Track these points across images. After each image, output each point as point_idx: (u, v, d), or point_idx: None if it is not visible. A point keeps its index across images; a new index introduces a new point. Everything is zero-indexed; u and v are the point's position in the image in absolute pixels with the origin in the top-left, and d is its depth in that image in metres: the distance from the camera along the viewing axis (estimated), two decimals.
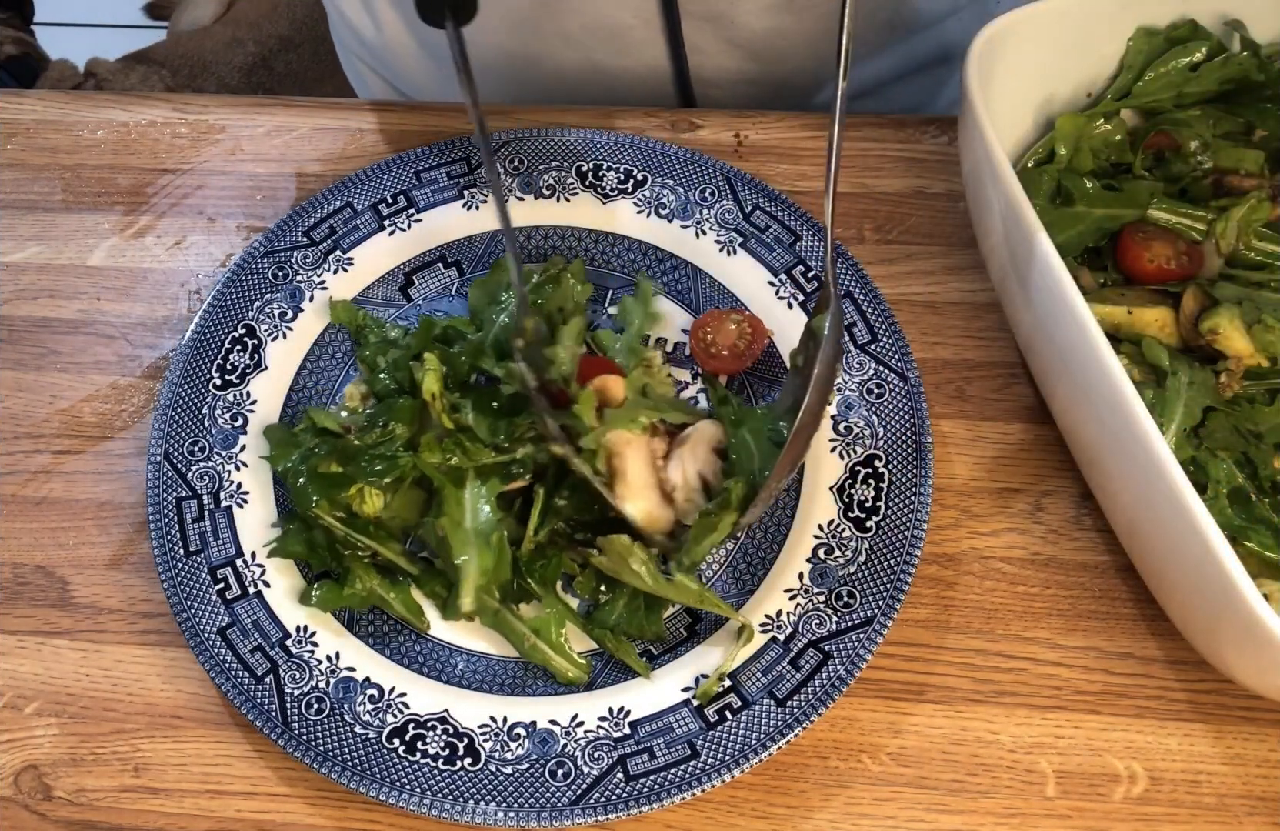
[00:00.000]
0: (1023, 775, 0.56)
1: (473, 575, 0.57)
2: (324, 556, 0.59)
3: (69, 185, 0.78)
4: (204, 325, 0.67)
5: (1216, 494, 0.56)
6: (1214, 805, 0.55)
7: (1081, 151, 0.67)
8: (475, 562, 0.57)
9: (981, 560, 0.61)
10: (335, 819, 0.56)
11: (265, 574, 0.60)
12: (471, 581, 0.57)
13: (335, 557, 0.59)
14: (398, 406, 0.61)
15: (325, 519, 0.59)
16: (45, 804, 0.56)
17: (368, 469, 0.59)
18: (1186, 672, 0.58)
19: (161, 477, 0.62)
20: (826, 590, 0.58)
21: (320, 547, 0.59)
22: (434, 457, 0.59)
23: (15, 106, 0.82)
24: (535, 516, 0.59)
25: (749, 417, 0.62)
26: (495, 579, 0.58)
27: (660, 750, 0.54)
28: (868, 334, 0.66)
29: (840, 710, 0.57)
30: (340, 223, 0.71)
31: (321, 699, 0.56)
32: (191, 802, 0.56)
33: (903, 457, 0.62)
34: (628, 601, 0.58)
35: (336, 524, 0.59)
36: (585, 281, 0.68)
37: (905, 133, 0.77)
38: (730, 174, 0.72)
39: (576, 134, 0.75)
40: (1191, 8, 0.68)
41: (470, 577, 0.57)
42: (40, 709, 0.59)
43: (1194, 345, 0.61)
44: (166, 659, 0.60)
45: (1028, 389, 0.66)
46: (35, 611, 0.61)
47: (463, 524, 0.58)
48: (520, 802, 0.53)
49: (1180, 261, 0.64)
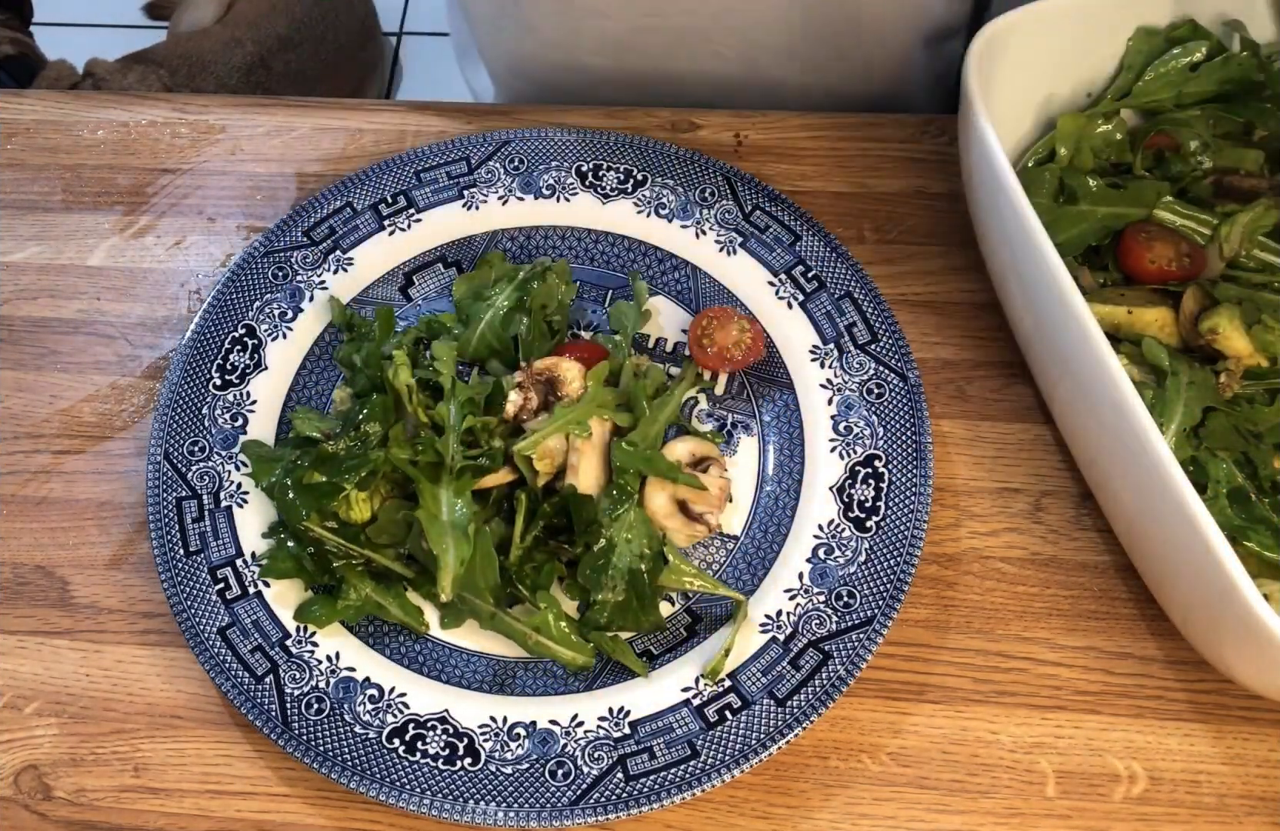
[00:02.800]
0: (1023, 775, 0.56)
1: (450, 564, 0.57)
2: (314, 574, 0.59)
3: (69, 185, 0.78)
4: (204, 325, 0.67)
5: (1216, 494, 0.56)
6: (1214, 805, 0.55)
7: (1082, 151, 0.67)
8: (452, 552, 0.57)
9: (981, 560, 0.61)
10: (335, 819, 0.56)
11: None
12: (449, 570, 0.57)
13: (327, 571, 0.59)
14: (371, 403, 0.61)
15: (316, 531, 0.59)
16: (45, 804, 0.56)
17: (343, 471, 0.59)
18: (1186, 672, 0.58)
19: (161, 478, 0.62)
20: (826, 590, 0.58)
21: (309, 564, 0.59)
22: (404, 453, 0.59)
23: (15, 106, 0.82)
24: (519, 522, 0.59)
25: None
26: (481, 575, 0.58)
27: (660, 750, 0.54)
28: (868, 334, 0.66)
29: (840, 710, 0.57)
30: (340, 223, 0.71)
31: (321, 699, 0.56)
32: (191, 802, 0.56)
33: (903, 458, 0.62)
34: (616, 600, 0.58)
35: (328, 535, 0.59)
36: (570, 282, 0.68)
37: (905, 133, 0.77)
38: (730, 174, 0.72)
39: (576, 134, 0.74)
40: (1191, 8, 0.68)
41: (448, 566, 0.57)
42: (40, 709, 0.59)
43: (1194, 345, 0.61)
44: (166, 659, 0.60)
45: (1028, 389, 0.66)
46: (35, 611, 0.61)
47: (439, 517, 0.58)
48: (520, 802, 0.53)
49: (1182, 263, 0.64)
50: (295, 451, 0.61)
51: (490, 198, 0.73)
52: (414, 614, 0.59)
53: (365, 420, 0.60)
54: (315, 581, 0.59)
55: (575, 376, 0.63)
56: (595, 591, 0.58)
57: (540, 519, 0.60)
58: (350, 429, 0.61)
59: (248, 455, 0.62)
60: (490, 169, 0.74)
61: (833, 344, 0.66)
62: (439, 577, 0.57)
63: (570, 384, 0.63)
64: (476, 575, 0.57)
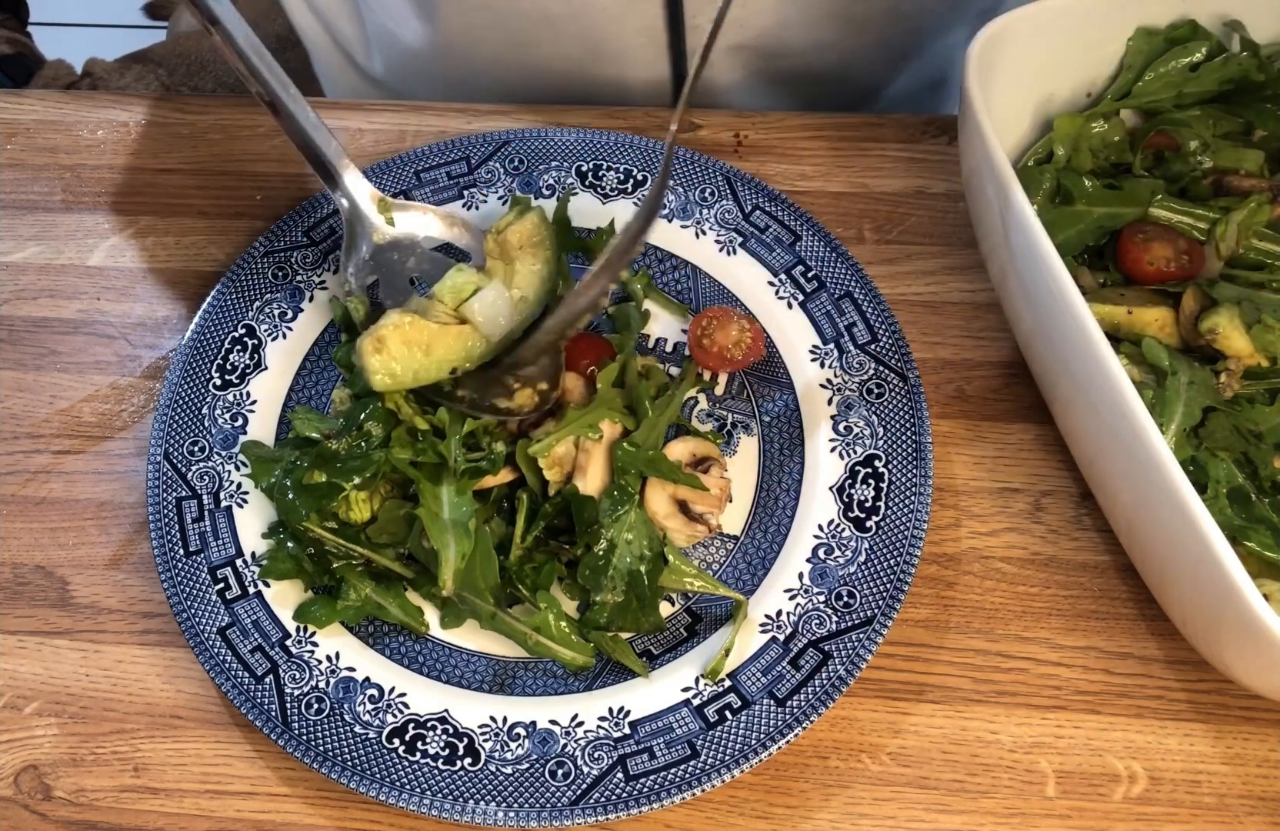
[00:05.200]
0: (1023, 775, 0.56)
1: (451, 559, 0.57)
2: (314, 575, 0.59)
3: (69, 185, 0.78)
4: (204, 325, 0.67)
5: (1216, 494, 0.56)
6: (1214, 805, 0.55)
7: (1081, 151, 0.67)
8: (453, 547, 0.58)
9: (981, 560, 0.61)
10: (335, 819, 0.56)
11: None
12: (450, 564, 0.57)
13: (326, 571, 0.59)
14: (373, 407, 0.61)
15: (316, 531, 0.59)
16: (45, 804, 0.56)
17: (344, 470, 0.59)
18: (1186, 672, 0.58)
19: (161, 477, 0.62)
20: (826, 590, 0.58)
21: (309, 565, 0.59)
22: (405, 454, 0.59)
23: (15, 106, 0.82)
24: (520, 523, 0.59)
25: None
26: (481, 573, 0.58)
27: (660, 750, 0.54)
28: (868, 334, 0.66)
29: (840, 710, 0.57)
30: (340, 222, 0.71)
31: (321, 699, 0.56)
32: (191, 802, 0.56)
33: (903, 457, 0.62)
34: (617, 600, 0.58)
35: (328, 535, 0.59)
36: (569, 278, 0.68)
37: (905, 133, 0.77)
38: (730, 174, 0.72)
39: (576, 134, 0.75)
40: (1191, 8, 0.68)
41: (449, 561, 0.57)
42: (40, 709, 0.59)
43: (1194, 345, 0.61)
44: (166, 659, 0.60)
45: (1028, 389, 0.66)
46: (35, 611, 0.61)
47: (440, 515, 0.58)
48: (520, 802, 0.53)
49: (1180, 262, 0.64)
50: (295, 452, 0.61)
51: (490, 198, 0.73)
52: (414, 614, 0.59)
53: (367, 419, 0.61)
54: (315, 582, 0.59)
55: (573, 384, 0.63)
56: (595, 592, 0.58)
57: (541, 519, 0.60)
58: (351, 429, 0.61)
59: (247, 456, 0.62)
60: (490, 169, 0.74)
61: (833, 344, 0.66)
62: (440, 572, 0.57)
63: (570, 391, 0.63)
64: (476, 573, 0.58)
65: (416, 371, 0.60)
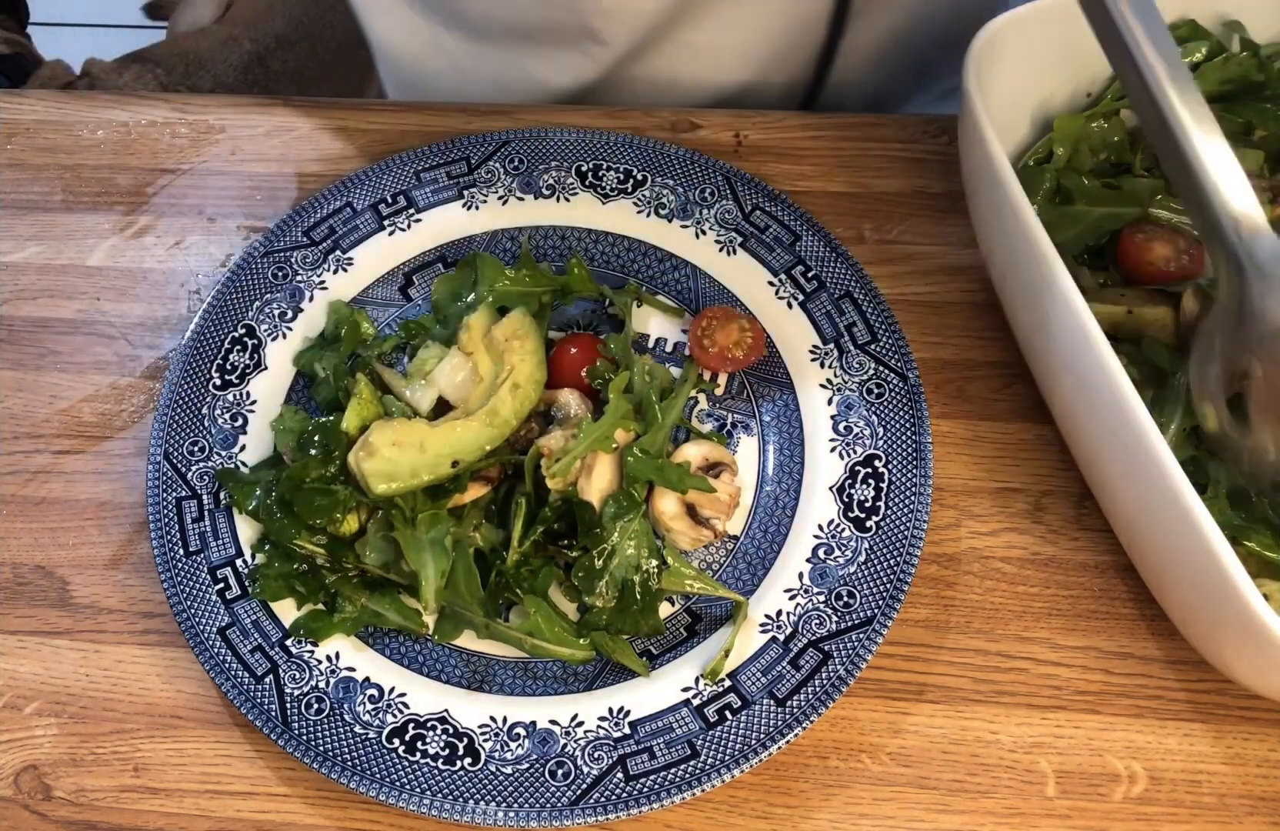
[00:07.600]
0: (1023, 775, 0.56)
1: (431, 577, 0.58)
2: (306, 595, 0.59)
3: (69, 185, 0.78)
4: (204, 325, 0.67)
5: (1216, 494, 0.56)
6: (1214, 805, 0.55)
7: (1080, 151, 0.67)
8: (431, 565, 0.58)
9: (981, 560, 0.61)
10: (335, 819, 0.56)
11: None
12: (431, 582, 0.57)
13: (319, 586, 0.59)
14: (331, 430, 0.60)
15: (308, 547, 0.59)
16: (45, 804, 0.56)
17: (309, 506, 0.58)
18: (1186, 672, 0.58)
19: (161, 477, 0.62)
20: (826, 590, 0.58)
21: (300, 584, 0.59)
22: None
23: (15, 106, 0.82)
24: (519, 528, 0.59)
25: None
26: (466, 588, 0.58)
27: (660, 750, 0.54)
28: (868, 334, 0.66)
29: (840, 710, 0.57)
30: (340, 222, 0.71)
31: (321, 699, 0.56)
32: (191, 802, 0.56)
33: (902, 457, 0.62)
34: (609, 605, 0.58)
35: (319, 550, 0.59)
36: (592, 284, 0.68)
37: (905, 133, 0.77)
38: (730, 174, 0.72)
39: (576, 134, 0.74)
40: (1191, 8, 0.68)
41: (429, 580, 0.57)
42: (40, 709, 0.59)
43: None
44: (166, 659, 0.60)
45: (1028, 389, 0.66)
46: (35, 611, 0.61)
47: (416, 535, 0.58)
48: (520, 802, 0.53)
49: (1180, 262, 0.64)
50: (272, 472, 0.61)
51: (490, 198, 0.73)
52: (412, 617, 0.59)
53: (328, 443, 0.60)
54: (307, 600, 0.59)
55: (573, 401, 0.63)
56: (587, 595, 0.58)
57: (540, 524, 0.59)
58: (307, 450, 0.60)
59: (224, 484, 0.61)
60: (490, 169, 0.74)
61: (833, 344, 0.66)
62: (421, 593, 0.57)
63: (570, 408, 0.63)
64: (461, 589, 0.58)
65: (414, 467, 0.59)
